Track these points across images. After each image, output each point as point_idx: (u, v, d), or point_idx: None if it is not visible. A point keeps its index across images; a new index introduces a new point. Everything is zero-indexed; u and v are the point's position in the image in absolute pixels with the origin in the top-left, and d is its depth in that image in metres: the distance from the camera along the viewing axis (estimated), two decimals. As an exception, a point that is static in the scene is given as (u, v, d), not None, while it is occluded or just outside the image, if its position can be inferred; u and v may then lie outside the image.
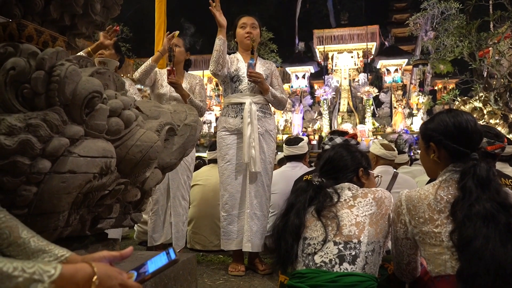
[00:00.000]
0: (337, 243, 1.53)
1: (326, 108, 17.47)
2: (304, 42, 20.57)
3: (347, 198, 1.65)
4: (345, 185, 1.70)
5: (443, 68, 14.06)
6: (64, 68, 1.12)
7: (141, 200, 1.59)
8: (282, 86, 3.27)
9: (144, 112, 1.55)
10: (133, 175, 1.40)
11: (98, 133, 1.23)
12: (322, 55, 19.53)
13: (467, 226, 1.30)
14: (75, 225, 1.33)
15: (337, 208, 1.62)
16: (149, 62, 3.21)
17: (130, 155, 1.33)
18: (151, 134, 1.40)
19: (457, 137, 1.52)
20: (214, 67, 2.95)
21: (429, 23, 14.80)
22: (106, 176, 1.27)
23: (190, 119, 1.70)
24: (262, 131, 3.01)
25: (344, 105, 18.13)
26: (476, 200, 1.34)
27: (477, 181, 1.38)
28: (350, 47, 19.06)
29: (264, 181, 3.01)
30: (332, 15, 24.86)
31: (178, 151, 1.63)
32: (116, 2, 1.61)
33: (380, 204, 1.61)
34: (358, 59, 19.09)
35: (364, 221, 1.56)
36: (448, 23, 12.27)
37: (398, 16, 24.40)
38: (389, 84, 18.48)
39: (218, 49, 2.93)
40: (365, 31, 18.86)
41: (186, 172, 3.33)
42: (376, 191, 1.66)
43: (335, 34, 19.24)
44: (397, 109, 16.84)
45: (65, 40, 1.46)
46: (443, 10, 13.37)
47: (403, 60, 18.63)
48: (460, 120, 1.54)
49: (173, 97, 3.29)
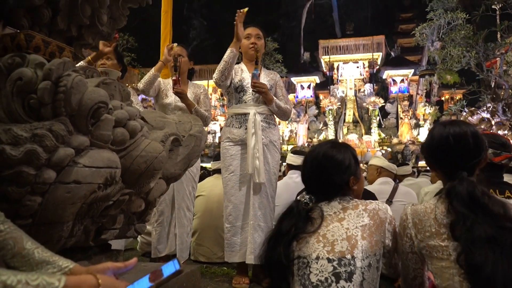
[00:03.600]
0: (331, 260, 1.46)
1: (331, 118, 17.49)
2: (310, 52, 20.71)
3: (336, 211, 1.57)
4: (336, 201, 1.61)
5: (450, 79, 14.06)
6: (71, 79, 1.13)
7: (145, 211, 1.60)
8: (286, 96, 3.27)
9: (149, 122, 1.56)
10: (137, 186, 1.40)
11: (103, 143, 1.24)
12: (327, 65, 19.61)
13: (473, 252, 1.27)
14: (79, 235, 1.34)
15: (327, 223, 1.54)
16: (152, 72, 3.24)
17: (135, 165, 1.34)
18: (156, 145, 1.41)
19: (439, 154, 1.48)
20: (218, 76, 2.97)
21: (436, 33, 14.84)
22: (111, 187, 1.28)
23: (195, 130, 1.71)
24: (266, 141, 3.02)
25: (350, 116, 18.12)
26: (473, 224, 1.31)
27: (463, 203, 1.35)
28: (356, 57, 19.13)
29: (268, 192, 3.00)
30: (338, 25, 25.03)
31: (182, 162, 1.63)
32: (122, 13, 1.64)
33: (373, 215, 1.53)
34: (364, 69, 19.14)
35: (355, 234, 1.49)
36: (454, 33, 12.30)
37: (404, 26, 24.51)
38: (395, 95, 18.49)
39: (227, 60, 2.95)
40: (371, 41, 18.93)
41: (191, 183, 3.34)
42: (368, 203, 1.58)
43: (340, 44, 19.33)
44: (403, 120, 16.82)
45: (72, 50, 1.48)
46: (449, 20, 13.41)
47: (409, 71, 18.65)
48: (441, 135, 1.48)
49: (178, 107, 3.31)
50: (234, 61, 2.99)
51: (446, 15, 13.41)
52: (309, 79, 19.70)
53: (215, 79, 2.98)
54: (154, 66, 3.29)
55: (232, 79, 3.08)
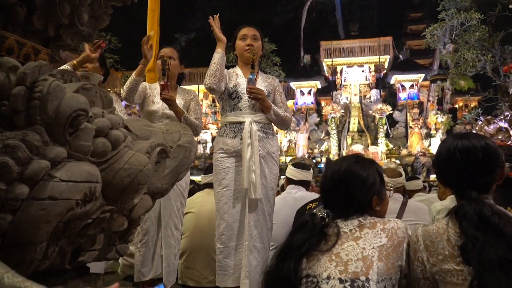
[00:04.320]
0: (343, 281, 1.47)
1: (334, 127, 17.55)
2: (310, 55, 20.83)
3: (352, 229, 1.59)
4: (353, 219, 1.63)
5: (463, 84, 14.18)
6: (47, 84, 1.13)
7: (128, 230, 1.59)
8: (285, 103, 3.29)
9: (134, 131, 1.56)
10: (120, 202, 1.40)
11: (82, 155, 1.23)
12: (329, 69, 19.72)
13: (486, 277, 1.28)
14: (54, 258, 1.33)
15: (342, 241, 1.57)
16: (133, 77, 3.21)
17: (117, 179, 1.33)
18: (140, 157, 1.41)
19: (447, 171, 1.49)
20: (210, 80, 2.97)
21: (448, 34, 14.99)
22: (90, 203, 1.27)
23: (184, 140, 1.71)
24: (263, 153, 3.02)
25: (354, 124, 18.20)
26: (484, 247, 1.32)
27: (472, 224, 1.36)
28: (361, 60, 19.27)
29: (265, 209, 2.99)
30: (341, 26, 25.22)
31: (170, 175, 1.63)
32: (105, 12, 1.64)
33: (391, 235, 1.55)
34: (370, 73, 19.27)
35: (372, 255, 1.50)
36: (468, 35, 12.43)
37: (413, 27, 24.76)
38: (404, 102, 18.60)
39: (216, 62, 2.97)
40: (377, 43, 19.09)
41: (180, 199, 3.33)
42: (387, 221, 1.60)
43: (344, 46, 19.48)
44: (413, 129, 16.90)
45: (49, 52, 1.48)
46: (463, 21, 13.56)
47: (420, 75, 18.79)
48: (448, 149, 1.49)
49: (165, 114, 3.31)
50: (224, 62, 3.01)
51: (459, 15, 13.57)
52: (309, 84, 19.79)
53: (207, 85, 2.98)
54: (134, 71, 3.26)
55: (226, 84, 3.08)
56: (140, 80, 3.24)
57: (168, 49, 3.48)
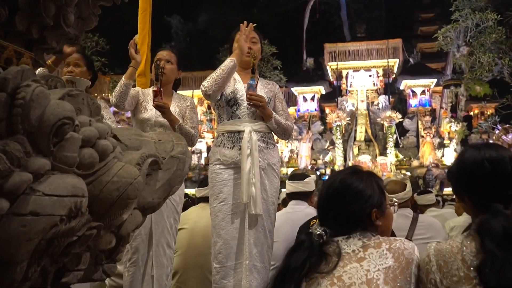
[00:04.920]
0: None
1: (339, 136, 17.57)
2: (313, 58, 20.88)
3: (356, 249, 1.58)
4: (356, 238, 1.62)
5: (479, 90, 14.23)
6: (30, 90, 1.13)
7: (117, 248, 1.58)
8: (287, 111, 3.30)
9: (123, 141, 1.56)
10: (107, 218, 1.39)
11: (67, 167, 1.23)
12: (334, 73, 19.80)
13: None
14: (35, 278, 1.32)
15: (344, 262, 1.55)
16: (123, 81, 3.21)
17: (105, 193, 1.33)
18: (130, 169, 1.41)
19: (471, 181, 1.50)
20: (209, 84, 2.97)
21: (462, 36, 15.08)
22: (76, 219, 1.26)
23: (177, 150, 1.71)
24: (264, 164, 3.02)
25: (361, 133, 18.22)
26: (504, 265, 1.31)
27: (496, 240, 1.36)
28: (368, 64, 19.34)
29: (265, 225, 2.99)
30: (347, 27, 25.36)
31: (162, 189, 1.62)
32: (93, 12, 1.65)
33: (398, 256, 1.53)
34: (378, 78, 19.33)
35: (377, 277, 1.48)
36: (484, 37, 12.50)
37: (425, 29, 24.91)
38: (415, 109, 18.65)
39: (224, 69, 2.97)
40: (386, 45, 19.18)
41: (173, 214, 3.32)
42: (393, 241, 1.59)
43: (350, 49, 19.55)
44: (425, 139, 16.92)
45: (32, 56, 1.49)
46: (478, 22, 13.64)
47: (432, 80, 18.86)
48: (475, 159, 1.50)
49: (159, 122, 3.31)
50: (232, 73, 3.02)
51: (473, 15, 13.66)
52: (312, 89, 19.84)
53: (205, 88, 2.97)
54: (124, 74, 3.26)
55: (223, 91, 3.09)
56: (131, 84, 3.24)
57: (165, 52, 3.48)
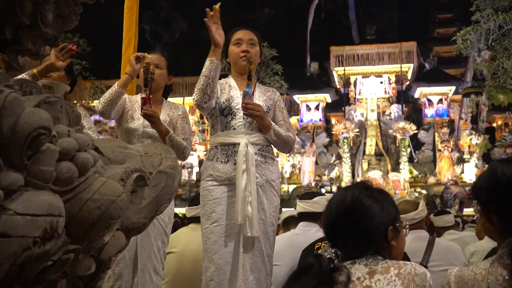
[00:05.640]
0: None
1: (347, 150, 17.58)
2: (318, 63, 20.96)
3: (361, 276, 1.58)
4: (362, 264, 1.62)
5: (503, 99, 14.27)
6: (2, 97, 1.14)
7: (97, 274, 1.57)
8: (288, 121, 3.31)
9: (105, 154, 1.56)
10: (87, 240, 1.39)
11: (43, 182, 1.23)
12: (341, 79, 19.87)
13: None
14: (5, 308, 1.31)
15: None
16: (115, 89, 3.23)
17: (84, 212, 1.33)
18: (113, 185, 1.41)
19: (505, 199, 1.51)
20: (199, 97, 2.99)
21: (483, 40, 15.14)
22: (51, 242, 1.26)
23: (166, 164, 1.71)
24: (261, 181, 3.02)
25: (371, 146, 18.24)
26: None
27: None
28: (379, 69, 19.42)
29: (263, 249, 2.98)
30: (355, 28, 25.47)
31: (149, 208, 1.62)
32: (73, 11, 1.66)
33: (408, 283, 1.54)
34: (390, 85, 19.40)
35: None
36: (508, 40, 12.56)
37: (442, 31, 25.04)
38: (431, 119, 18.71)
39: (207, 74, 2.98)
40: (399, 49, 19.27)
41: (161, 236, 3.31)
42: (403, 265, 1.59)
43: (359, 53, 19.64)
44: (442, 153, 16.94)
45: (5, 58, 1.49)
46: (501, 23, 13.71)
47: (450, 88, 18.94)
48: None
49: (147, 133, 3.32)
50: (218, 74, 3.02)
51: (496, 16, 13.72)
52: (317, 97, 19.90)
53: (196, 101, 3.00)
54: (117, 81, 3.29)
55: (217, 99, 3.09)
56: (123, 92, 3.26)
57: (155, 56, 3.50)
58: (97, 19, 19.64)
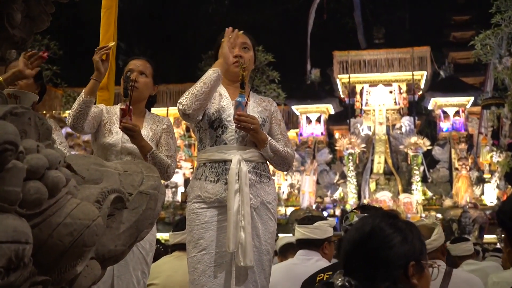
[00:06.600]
0: None
1: (352, 167, 17.61)
2: (320, 69, 21.05)
3: None
4: None
5: (527, 112, 14.35)
6: (-37, 107, 1.14)
7: (68, 310, 1.57)
8: (286, 135, 3.31)
9: (79, 172, 1.56)
10: (57, 270, 1.39)
11: (7, 204, 1.23)
12: (346, 88, 19.98)
13: None
14: None
15: None
16: (82, 97, 3.20)
17: (54, 239, 1.33)
18: (88, 207, 1.41)
19: None
20: (188, 102, 2.95)
21: (505, 45, 15.28)
22: (16, 272, 1.26)
23: (148, 184, 1.71)
24: (256, 203, 3.02)
25: (380, 164, 18.30)
26: None
27: None
28: (388, 77, 19.55)
29: (257, 280, 2.98)
30: (362, 31, 25.64)
31: (128, 233, 1.62)
32: (44, 11, 1.66)
33: None
34: (400, 95, 19.52)
35: None
36: (532, 45, 12.67)
37: (458, 34, 25.28)
38: (447, 134, 18.80)
39: (207, 82, 2.97)
40: (411, 54, 19.41)
41: (141, 266, 3.29)
42: None
43: (365, 58, 19.78)
44: (459, 172, 17.01)
45: (-34, 64, 1.49)
46: (524, 27, 13.83)
47: (467, 99, 19.06)
48: None
49: (126, 149, 3.30)
50: (217, 86, 3.03)
51: (518, 19, 13.86)
52: (318, 108, 19.98)
53: (183, 105, 2.96)
54: (84, 88, 3.25)
55: (206, 110, 3.08)
56: (92, 100, 3.23)
57: (139, 62, 3.47)
58: (69, 19, 19.67)
